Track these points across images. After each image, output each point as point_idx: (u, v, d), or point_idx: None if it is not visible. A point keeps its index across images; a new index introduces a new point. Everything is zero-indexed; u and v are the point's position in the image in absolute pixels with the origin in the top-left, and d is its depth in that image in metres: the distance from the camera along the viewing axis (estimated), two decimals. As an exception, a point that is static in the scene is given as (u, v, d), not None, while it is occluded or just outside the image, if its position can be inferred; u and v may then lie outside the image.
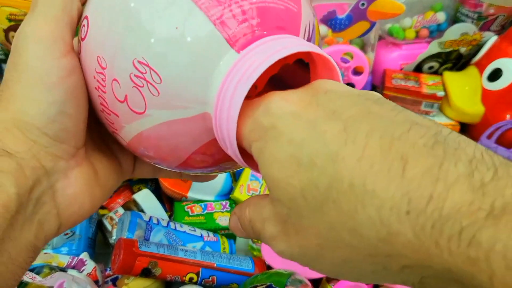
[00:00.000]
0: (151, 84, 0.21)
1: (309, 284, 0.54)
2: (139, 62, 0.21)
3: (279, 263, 0.59)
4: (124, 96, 0.22)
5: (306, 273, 0.57)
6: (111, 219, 0.64)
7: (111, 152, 0.29)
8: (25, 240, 0.22)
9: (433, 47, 0.79)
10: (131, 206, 0.66)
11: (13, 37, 0.44)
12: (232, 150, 0.21)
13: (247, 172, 0.70)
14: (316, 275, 0.57)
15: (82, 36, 0.23)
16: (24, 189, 0.22)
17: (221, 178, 0.70)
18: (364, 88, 0.79)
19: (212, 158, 0.25)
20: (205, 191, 0.69)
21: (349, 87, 0.21)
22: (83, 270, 0.56)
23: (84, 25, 0.23)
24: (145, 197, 0.66)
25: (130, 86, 0.22)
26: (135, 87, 0.21)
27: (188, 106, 0.22)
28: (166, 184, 0.67)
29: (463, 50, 0.81)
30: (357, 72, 0.78)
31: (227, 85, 0.20)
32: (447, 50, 0.80)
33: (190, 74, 0.21)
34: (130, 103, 0.22)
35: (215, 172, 0.28)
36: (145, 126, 0.23)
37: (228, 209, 0.68)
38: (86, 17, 0.23)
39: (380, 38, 0.84)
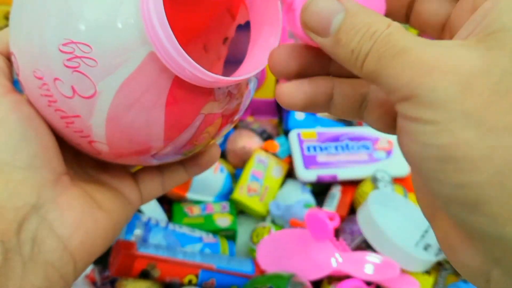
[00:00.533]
0: (84, 57, 0.21)
1: (310, 286, 0.54)
2: (63, 44, 0.21)
3: (273, 267, 0.59)
4: (71, 89, 0.22)
5: (308, 275, 0.56)
6: (110, 220, 0.64)
7: (106, 184, 0.28)
8: (32, 285, 0.21)
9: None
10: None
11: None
12: (173, 48, 0.21)
13: (247, 172, 0.69)
14: (316, 277, 0.57)
15: (17, 72, 0.24)
16: (7, 235, 0.20)
17: (221, 179, 0.69)
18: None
19: (189, 104, 0.24)
20: (204, 192, 0.68)
21: None
22: (81, 272, 0.56)
23: (14, 62, 0.24)
24: (144, 198, 0.65)
25: (70, 74, 0.21)
26: (74, 71, 0.21)
27: (129, 55, 0.21)
28: (165, 184, 0.66)
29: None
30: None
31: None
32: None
33: (111, 20, 0.21)
34: (80, 91, 0.22)
35: (207, 135, 0.27)
36: (105, 107, 0.22)
37: (228, 210, 0.67)
38: (12, 53, 0.24)
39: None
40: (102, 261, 0.60)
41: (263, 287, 0.52)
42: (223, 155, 0.77)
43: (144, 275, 0.53)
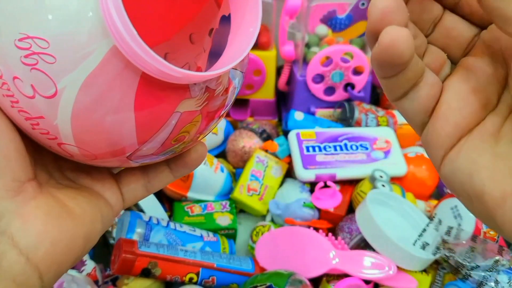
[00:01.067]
0: (42, 53, 0.20)
1: (309, 284, 0.54)
2: (19, 40, 0.20)
3: (271, 264, 0.59)
4: (31, 88, 0.21)
5: (306, 273, 0.57)
6: (111, 219, 0.64)
7: (84, 188, 0.27)
8: None
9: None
10: (131, 206, 0.66)
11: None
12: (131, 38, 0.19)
13: (247, 172, 0.70)
14: (314, 274, 0.57)
15: None
16: None
17: (221, 179, 0.70)
18: (364, 88, 0.79)
19: (161, 102, 0.22)
20: (205, 191, 0.69)
21: None
22: (82, 270, 0.56)
23: None
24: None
25: (28, 72, 0.20)
26: (33, 69, 0.20)
27: (90, 50, 0.20)
28: (166, 184, 0.67)
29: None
30: (357, 72, 0.78)
31: None
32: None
33: (68, 13, 0.19)
34: (40, 90, 0.20)
35: (187, 134, 0.25)
36: (69, 107, 0.21)
37: (228, 209, 0.68)
38: None
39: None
40: (103, 260, 0.61)
41: (263, 285, 0.53)
42: (223, 155, 0.77)
43: (146, 273, 0.54)
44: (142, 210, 0.65)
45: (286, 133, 0.76)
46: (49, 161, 0.26)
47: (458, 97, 0.21)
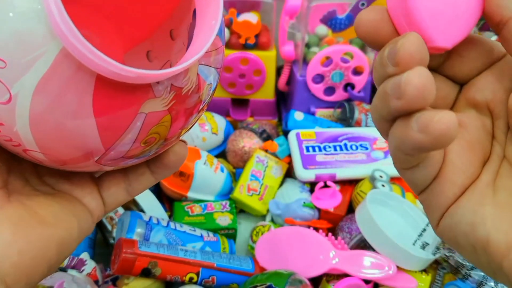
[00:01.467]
0: None
1: (309, 284, 0.54)
2: None
3: (271, 264, 0.59)
4: None
5: (306, 273, 0.57)
6: (111, 219, 0.64)
7: (60, 194, 0.26)
8: None
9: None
10: (131, 206, 0.66)
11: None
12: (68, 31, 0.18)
13: (247, 172, 0.70)
14: (314, 274, 0.58)
15: None
16: None
17: (221, 179, 0.70)
18: (364, 88, 0.79)
19: (122, 103, 0.21)
20: (205, 191, 0.69)
21: None
22: (83, 270, 0.56)
23: None
24: (145, 197, 0.66)
25: None
26: None
27: (40, 52, 0.19)
28: (166, 184, 0.67)
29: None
30: (357, 72, 0.78)
31: None
32: (447, 50, 0.80)
33: (13, 15, 0.19)
34: None
35: (156, 135, 0.24)
36: (25, 112, 0.20)
37: (228, 209, 0.68)
38: None
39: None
40: (104, 260, 0.61)
41: (263, 285, 0.53)
42: (223, 155, 0.77)
43: (146, 273, 0.54)
44: (142, 210, 0.65)
45: (286, 133, 0.76)
46: (27, 167, 0.26)
47: (461, 156, 0.21)
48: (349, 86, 0.79)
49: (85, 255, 0.58)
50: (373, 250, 0.59)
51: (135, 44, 0.33)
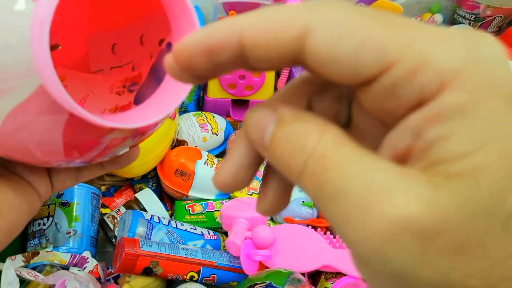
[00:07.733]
0: None
1: (308, 283, 0.55)
2: None
3: (272, 263, 0.60)
4: None
5: (305, 268, 0.57)
6: (113, 217, 0.65)
7: (13, 174, 0.27)
8: None
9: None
10: (133, 205, 0.67)
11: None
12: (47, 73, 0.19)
13: (247, 171, 0.71)
14: (315, 267, 0.58)
15: None
16: None
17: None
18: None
19: (89, 135, 0.23)
20: (206, 190, 0.70)
21: None
22: (85, 268, 0.56)
23: None
24: (146, 196, 0.67)
25: None
26: None
27: (17, 84, 0.20)
28: (167, 183, 0.68)
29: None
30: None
31: (32, 31, 0.19)
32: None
33: (3, 47, 0.20)
34: None
35: (118, 148, 0.26)
36: None
37: (228, 208, 0.69)
38: None
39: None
40: (106, 258, 0.61)
41: (262, 284, 0.53)
42: (224, 155, 0.78)
43: (147, 272, 0.54)
44: (144, 209, 0.65)
45: (285, 133, 0.77)
46: None
47: None
48: (348, 86, 0.79)
49: (87, 254, 0.58)
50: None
51: (101, 30, 0.34)
